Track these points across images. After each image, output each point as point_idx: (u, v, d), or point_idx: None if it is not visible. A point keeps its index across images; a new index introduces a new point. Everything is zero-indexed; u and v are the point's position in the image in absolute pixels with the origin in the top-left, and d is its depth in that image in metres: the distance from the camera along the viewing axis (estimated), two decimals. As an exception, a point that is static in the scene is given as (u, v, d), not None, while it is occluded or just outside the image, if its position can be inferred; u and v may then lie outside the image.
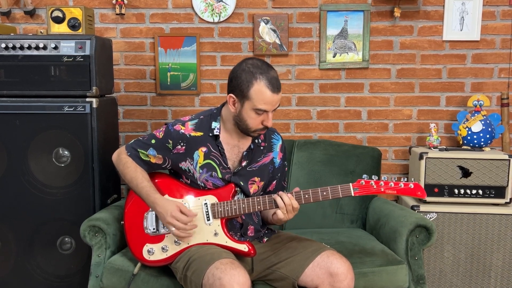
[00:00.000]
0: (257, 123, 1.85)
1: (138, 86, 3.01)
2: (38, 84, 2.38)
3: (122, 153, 2.00)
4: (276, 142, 2.07)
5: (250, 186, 1.98)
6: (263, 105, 1.80)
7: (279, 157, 2.07)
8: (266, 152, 2.03)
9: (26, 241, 2.44)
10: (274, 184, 2.09)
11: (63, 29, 2.43)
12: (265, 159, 2.02)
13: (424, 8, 2.91)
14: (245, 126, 1.87)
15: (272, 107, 1.83)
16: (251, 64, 1.82)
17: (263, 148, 2.01)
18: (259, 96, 1.79)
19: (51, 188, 2.42)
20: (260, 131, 1.89)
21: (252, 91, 1.79)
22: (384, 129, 3.02)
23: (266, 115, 1.84)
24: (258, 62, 1.83)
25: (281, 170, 2.09)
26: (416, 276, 2.15)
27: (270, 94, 1.80)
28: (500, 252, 2.59)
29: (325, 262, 1.82)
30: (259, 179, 2.00)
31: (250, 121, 1.85)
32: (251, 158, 1.98)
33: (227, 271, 1.65)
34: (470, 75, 2.96)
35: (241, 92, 1.81)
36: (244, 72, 1.81)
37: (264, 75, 1.79)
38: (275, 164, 2.05)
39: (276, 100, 1.83)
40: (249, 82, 1.79)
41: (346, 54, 2.94)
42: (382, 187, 1.84)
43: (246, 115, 1.84)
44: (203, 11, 2.92)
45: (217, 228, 1.91)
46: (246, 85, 1.79)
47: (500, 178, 2.58)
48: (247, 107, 1.82)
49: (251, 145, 1.98)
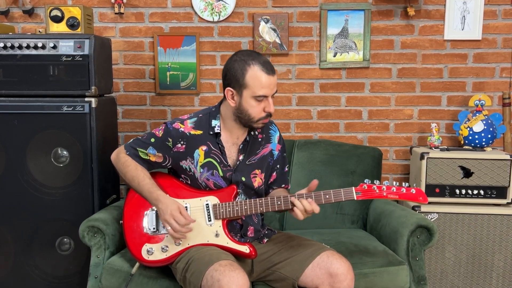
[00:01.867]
0: (259, 111, 1.85)
1: (137, 86, 3.00)
2: (37, 83, 2.37)
3: (121, 153, 1.98)
4: (274, 134, 2.08)
5: (254, 180, 1.98)
6: (261, 90, 1.81)
7: (277, 148, 2.07)
8: (264, 143, 2.03)
9: (25, 242, 2.43)
10: (274, 176, 2.09)
11: (61, 29, 2.42)
12: (264, 150, 2.02)
13: (425, 7, 2.90)
14: (247, 117, 1.87)
15: (270, 91, 1.84)
16: (241, 54, 1.86)
17: (261, 139, 2.01)
18: (255, 81, 1.80)
19: (50, 188, 2.41)
20: (263, 119, 1.88)
21: (248, 77, 1.81)
22: (385, 129, 3.01)
23: (267, 101, 1.84)
24: (248, 51, 1.88)
25: (280, 161, 2.09)
26: (417, 277, 2.14)
27: (266, 76, 1.81)
28: (502, 252, 2.58)
29: (325, 262, 1.82)
30: (259, 171, 2.00)
31: (252, 111, 1.85)
32: (247, 150, 1.97)
33: (226, 273, 1.65)
34: (472, 75, 2.95)
35: (237, 82, 1.83)
36: (236, 62, 1.84)
37: (256, 60, 1.82)
38: (274, 156, 2.06)
39: (274, 83, 1.84)
40: (243, 69, 1.81)
41: (346, 53, 2.93)
42: (384, 192, 1.83)
43: (246, 105, 1.84)
44: (202, 10, 2.90)
45: (218, 229, 1.90)
46: (241, 73, 1.81)
47: (501, 178, 2.58)
48: (246, 96, 1.83)
49: (246, 137, 1.97)
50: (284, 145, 2.12)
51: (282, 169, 2.11)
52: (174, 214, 1.81)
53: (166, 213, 1.82)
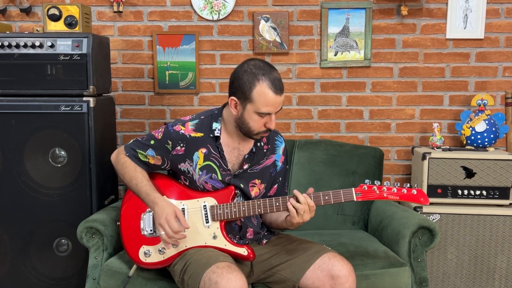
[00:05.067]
0: (260, 126, 1.82)
1: (136, 85, 2.98)
2: (34, 83, 2.35)
3: (120, 153, 1.98)
4: (280, 145, 2.04)
5: (251, 189, 1.95)
6: (266, 107, 1.77)
7: (281, 160, 2.03)
8: (269, 154, 1.99)
9: (22, 243, 2.42)
10: (275, 188, 2.05)
11: (59, 27, 2.42)
12: (268, 161, 1.99)
13: (427, 5, 2.88)
14: (247, 129, 1.84)
15: (275, 109, 1.80)
16: (253, 65, 1.79)
17: (266, 150, 1.98)
18: (261, 98, 1.75)
19: (47, 189, 2.39)
20: (263, 133, 1.86)
21: (254, 92, 1.76)
22: (387, 129, 2.98)
23: (269, 117, 1.80)
24: (260, 63, 1.80)
25: (282, 174, 2.06)
26: (419, 279, 2.13)
27: (273, 95, 1.76)
28: (505, 254, 2.56)
29: (326, 264, 1.81)
30: (259, 181, 1.97)
31: (252, 124, 1.81)
32: (253, 161, 1.94)
33: (224, 275, 1.63)
34: (474, 74, 2.93)
35: (243, 95, 1.78)
36: (246, 74, 1.78)
37: (267, 76, 1.76)
38: (277, 167, 2.02)
39: (279, 102, 1.79)
40: (251, 83, 1.76)
41: (347, 52, 2.91)
42: (385, 193, 1.82)
43: (248, 118, 1.81)
44: (202, 8, 2.88)
45: (216, 231, 1.88)
46: (248, 87, 1.76)
47: (504, 178, 2.56)
48: (249, 110, 1.79)
49: (253, 149, 1.94)
50: (287, 157, 2.09)
51: (283, 184, 2.08)
52: (168, 219, 1.78)
53: (161, 217, 1.79)
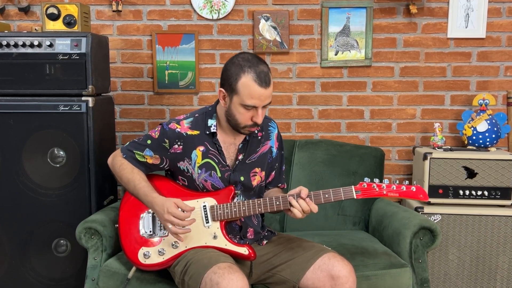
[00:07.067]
0: (247, 119, 1.82)
1: (135, 85, 2.97)
2: (33, 82, 2.35)
3: (117, 156, 1.96)
4: (273, 130, 2.06)
5: (253, 179, 1.96)
6: (251, 100, 1.77)
7: (275, 146, 2.05)
8: (264, 141, 2.01)
9: (20, 244, 2.41)
10: (272, 175, 2.07)
11: (58, 26, 2.41)
12: (264, 148, 2.00)
13: (428, 4, 2.86)
14: (234, 122, 1.84)
15: (260, 103, 1.79)
16: (241, 58, 1.80)
17: (260, 137, 2.00)
18: (246, 90, 1.76)
19: (46, 189, 2.39)
20: (250, 127, 1.85)
21: (239, 84, 1.76)
22: (387, 129, 2.97)
23: (256, 111, 1.80)
24: (249, 56, 1.81)
25: (278, 160, 2.08)
26: (420, 280, 2.12)
27: (258, 88, 1.76)
28: (506, 254, 2.55)
29: (326, 264, 1.80)
30: (259, 169, 1.98)
31: (239, 117, 1.82)
32: (247, 150, 1.95)
33: (225, 275, 1.62)
34: (476, 74, 2.91)
35: (229, 86, 1.79)
36: (234, 66, 1.79)
37: (253, 68, 1.76)
38: (273, 153, 2.05)
39: (265, 96, 1.79)
40: (237, 75, 1.77)
41: (348, 52, 2.90)
42: (384, 190, 1.82)
43: (235, 110, 1.81)
44: (201, 7, 2.87)
45: (216, 231, 1.87)
46: (234, 78, 1.77)
47: (506, 179, 2.55)
48: (235, 102, 1.80)
49: (246, 137, 1.95)
50: (282, 143, 2.10)
51: (280, 169, 2.10)
52: (171, 210, 1.77)
53: (164, 213, 1.78)
